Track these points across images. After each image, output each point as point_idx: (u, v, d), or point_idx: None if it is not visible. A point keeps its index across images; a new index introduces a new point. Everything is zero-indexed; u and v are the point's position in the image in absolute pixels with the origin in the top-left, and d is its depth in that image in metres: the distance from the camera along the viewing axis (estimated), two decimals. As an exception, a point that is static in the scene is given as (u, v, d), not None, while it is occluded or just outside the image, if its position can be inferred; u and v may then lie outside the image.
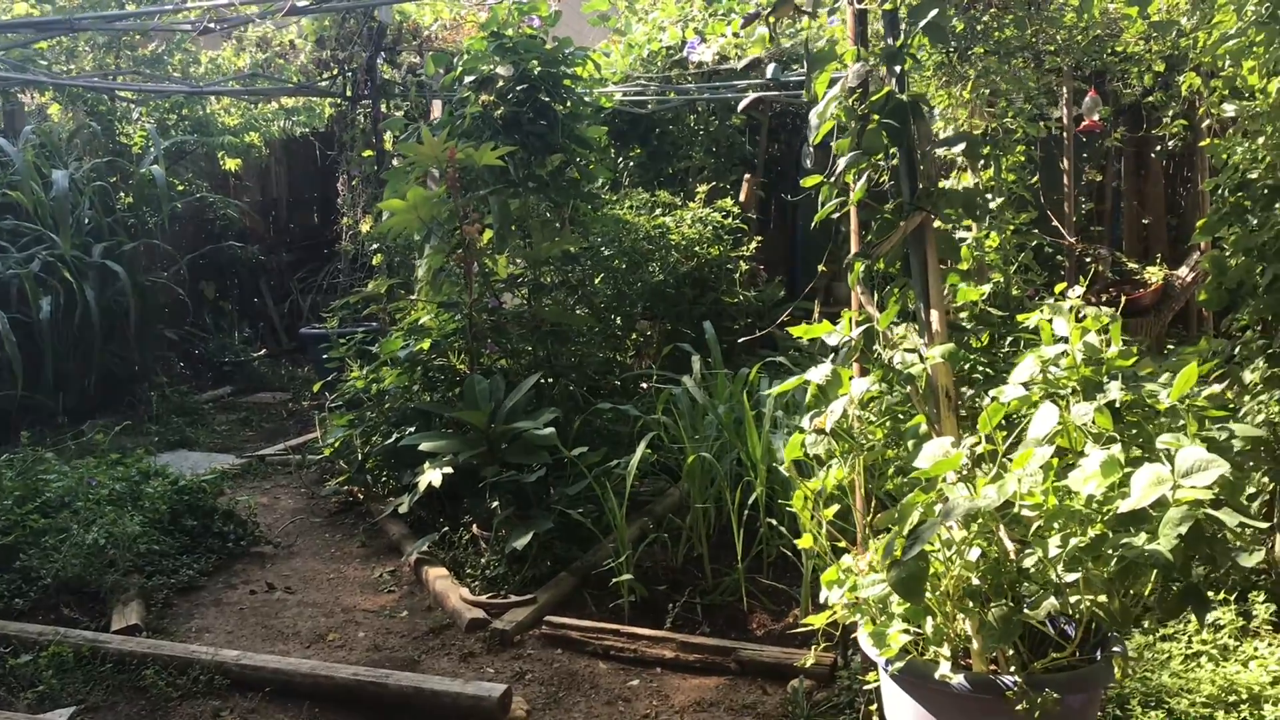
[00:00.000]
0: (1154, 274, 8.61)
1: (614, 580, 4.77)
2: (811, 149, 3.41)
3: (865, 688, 3.58)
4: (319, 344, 8.37)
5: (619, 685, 4.21)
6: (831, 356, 3.23)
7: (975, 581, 2.62)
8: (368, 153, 8.22)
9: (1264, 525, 2.44)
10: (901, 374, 3.04)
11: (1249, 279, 4.82)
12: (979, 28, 4.13)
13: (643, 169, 9.15)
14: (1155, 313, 8.47)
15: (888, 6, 3.09)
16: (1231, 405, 4.93)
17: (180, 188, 10.11)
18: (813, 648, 3.33)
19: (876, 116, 3.17)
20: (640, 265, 7.74)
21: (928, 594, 2.70)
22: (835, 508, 3.09)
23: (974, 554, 2.65)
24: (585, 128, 6.47)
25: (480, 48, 6.19)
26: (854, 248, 3.48)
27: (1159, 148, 9.54)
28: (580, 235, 6.94)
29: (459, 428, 5.55)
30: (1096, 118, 8.23)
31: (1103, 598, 2.51)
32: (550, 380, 6.24)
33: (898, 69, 3.12)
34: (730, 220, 8.09)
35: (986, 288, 6.94)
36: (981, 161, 7.25)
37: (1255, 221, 4.79)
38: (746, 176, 8.56)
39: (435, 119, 7.69)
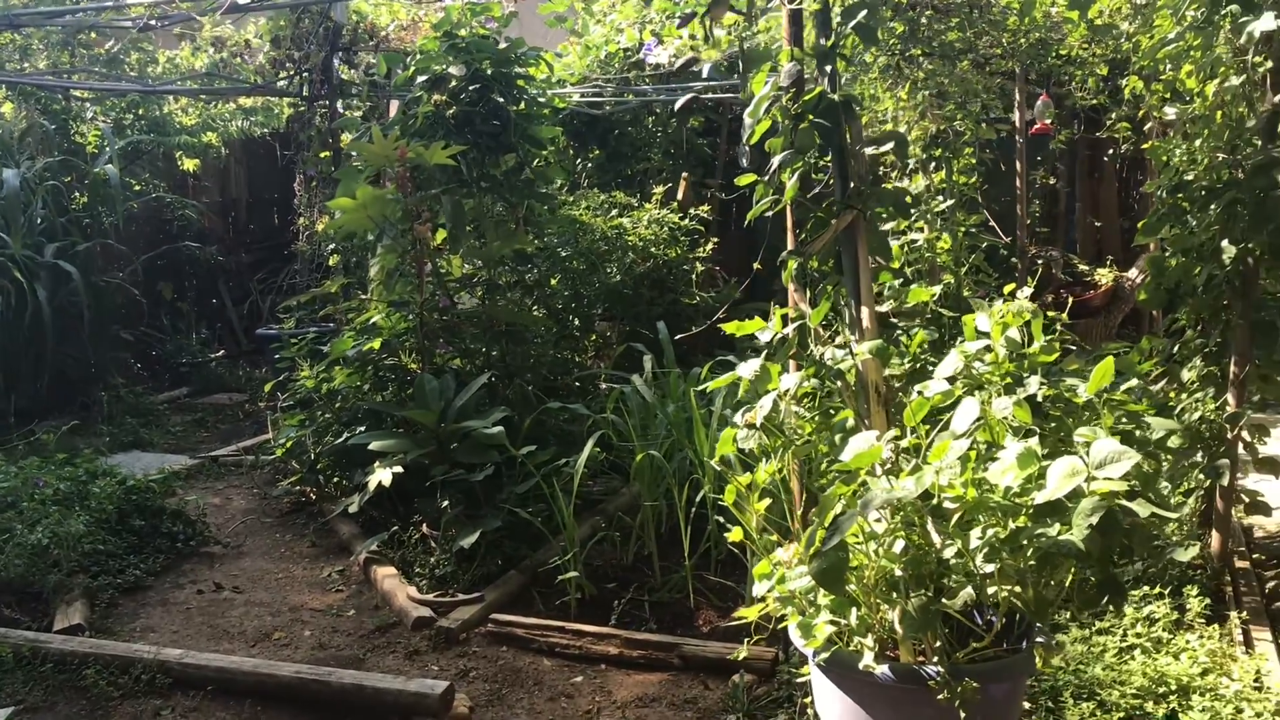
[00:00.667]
0: (1104, 276, 8.73)
1: (559, 578, 4.79)
2: (747, 148, 3.45)
3: (801, 681, 3.62)
4: (274, 344, 8.34)
5: (563, 682, 4.23)
6: (765, 353, 3.26)
7: (898, 572, 2.66)
8: (325, 154, 8.20)
9: (1174, 515, 2.48)
10: (831, 370, 3.08)
11: (1186, 279, 4.90)
12: (919, 30, 4.17)
13: (601, 170, 9.17)
14: (1105, 314, 8.59)
15: (814, 7, 3.13)
16: (1171, 402, 5.03)
17: (137, 187, 10.04)
18: (746, 642, 3.37)
19: (811, 116, 3.22)
20: (598, 266, 7.76)
21: (852, 585, 2.74)
22: (768, 501, 3.13)
23: (899, 546, 2.69)
24: (539, 128, 6.49)
25: (433, 47, 6.21)
26: (790, 246, 3.52)
27: (1111, 151, 9.66)
28: (535, 235, 6.96)
29: (409, 427, 5.55)
30: (1048, 121, 8.33)
31: (1020, 588, 2.55)
32: (504, 380, 6.26)
33: (828, 69, 3.16)
34: (687, 221, 8.13)
35: (937, 288, 7.02)
36: (934, 164, 7.34)
37: (1194, 223, 4.87)
38: (684, 175, 8.56)
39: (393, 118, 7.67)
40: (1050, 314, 7.15)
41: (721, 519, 4.84)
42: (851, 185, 3.23)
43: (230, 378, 9.93)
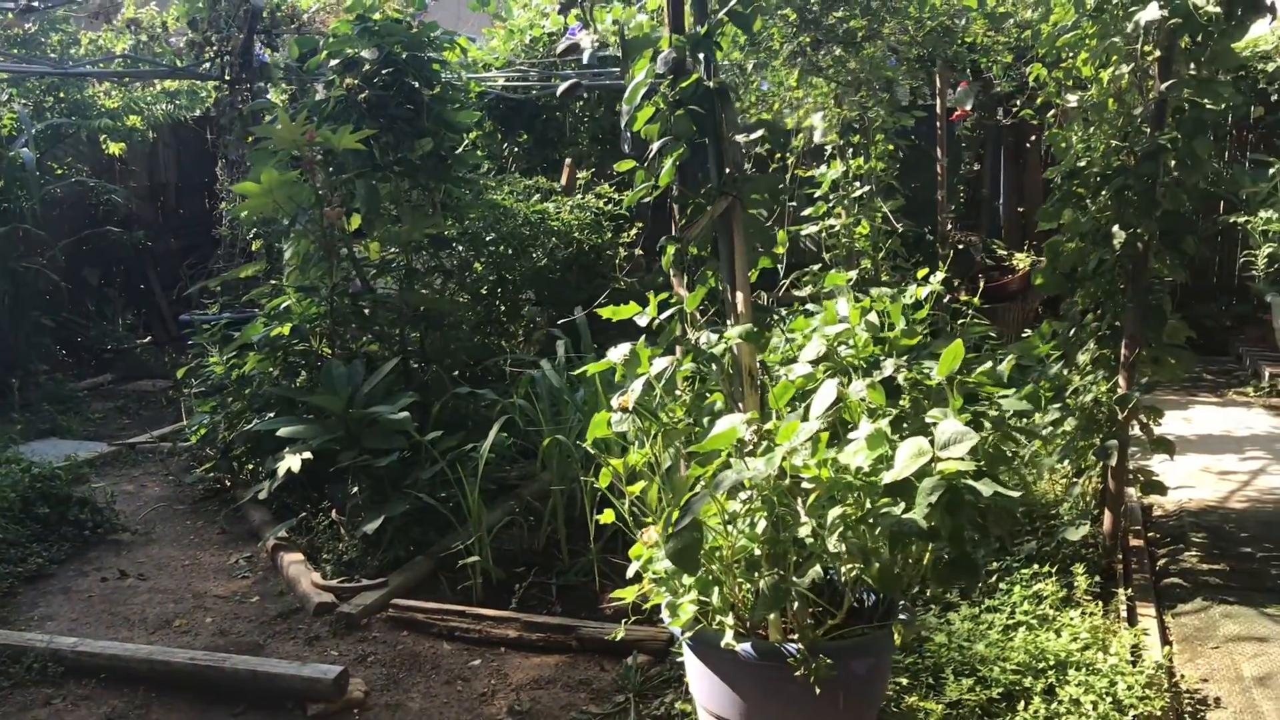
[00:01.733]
0: (1022, 260, 8.86)
1: (460, 562, 4.81)
2: (629, 134, 3.47)
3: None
4: (200, 328, 8.25)
5: (460, 665, 4.25)
6: (644, 337, 3.30)
7: (757, 552, 2.71)
8: (248, 139, 8.11)
9: (1017, 494, 2.53)
10: (705, 354, 3.11)
11: (1081, 264, 4.99)
12: (812, 18, 4.20)
13: (528, 155, 9.16)
14: (1024, 298, 8.72)
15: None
16: (1068, 384, 5.13)
17: (59, 171, 9.89)
18: (623, 623, 3.40)
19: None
20: (524, 251, 7.76)
21: (715, 565, 2.78)
22: (643, 484, 3.16)
23: (761, 526, 2.74)
24: (456, 112, 6.47)
25: (346, 30, 6.16)
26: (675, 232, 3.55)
27: (1034, 137, 9.80)
28: (455, 220, 6.94)
29: (319, 413, 5.53)
30: (968, 107, 8.43)
31: (868, 565, 2.61)
32: (423, 366, 6.26)
33: (701, 56, 3.19)
34: (610, 207, 8.14)
35: (853, 273, 7.10)
36: (851, 150, 7.40)
37: (1094, 207, 4.96)
38: (567, 161, 8.53)
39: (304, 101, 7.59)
40: (963, 298, 7.27)
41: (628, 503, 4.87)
42: (727, 171, 3.26)
43: (155, 363, 9.82)
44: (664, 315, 3.27)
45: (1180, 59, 4.66)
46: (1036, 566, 4.49)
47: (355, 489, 5.33)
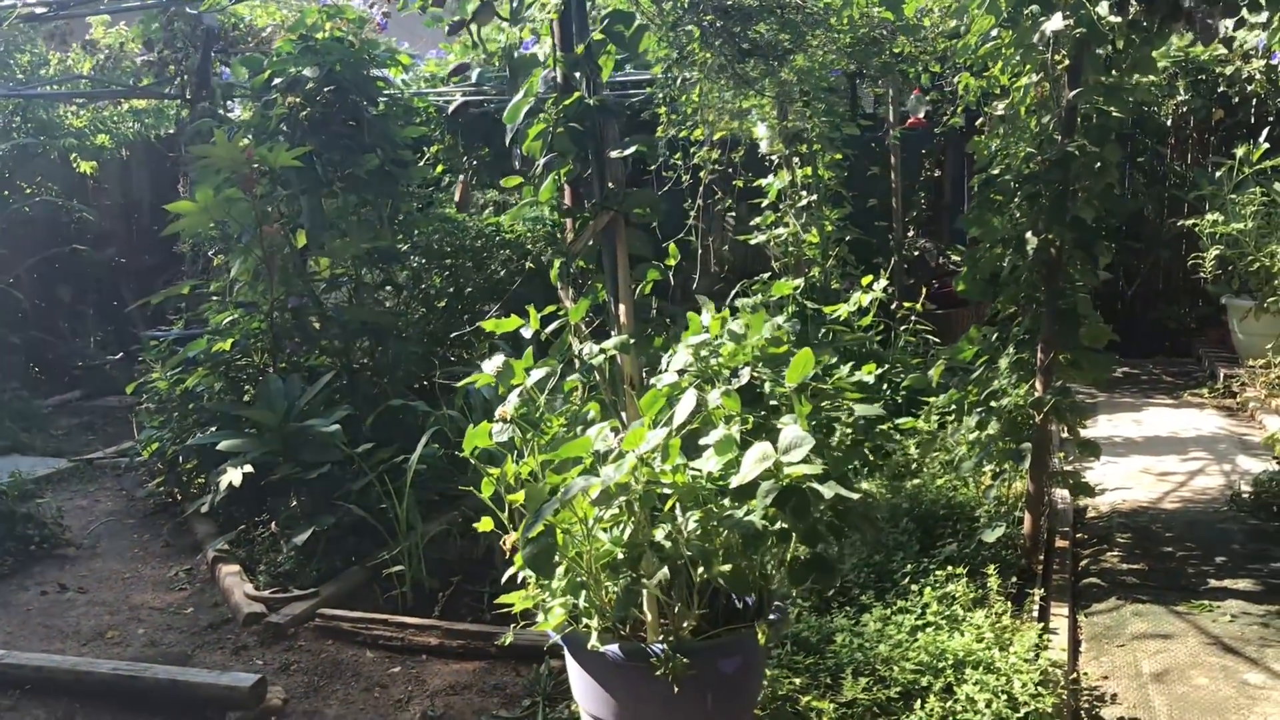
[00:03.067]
0: (974, 265, 8.89)
1: (386, 572, 4.90)
2: (518, 151, 3.56)
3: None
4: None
5: (380, 673, 4.33)
6: (530, 348, 3.38)
7: (620, 555, 2.79)
8: (201, 148, 8.21)
9: (855, 496, 2.61)
10: (585, 364, 3.20)
11: (1000, 270, 5.07)
12: (711, 35, 4.29)
13: (489, 168, 9.23)
14: (978, 303, 8.77)
15: (553, 15, 3.24)
16: (991, 390, 5.21)
17: (28, 190, 9.99)
18: (512, 627, 3.47)
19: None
20: (481, 263, 7.83)
21: (581, 569, 2.86)
22: (524, 492, 3.24)
23: (626, 530, 2.82)
24: (399, 128, 6.57)
25: (289, 49, 6.26)
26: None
27: (992, 143, 9.85)
28: (404, 234, 7.04)
29: (259, 427, 5.62)
30: (921, 115, 8.51)
31: (724, 567, 2.69)
32: (370, 378, 6.35)
33: (579, 75, 3.28)
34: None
35: (799, 281, 7.18)
36: (798, 160, 7.49)
37: (1008, 214, 5.04)
38: (460, 178, 8.53)
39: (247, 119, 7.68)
40: (907, 305, 7.33)
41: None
42: (610, 187, 3.35)
43: (124, 380, 9.87)
44: (549, 328, 3.35)
45: (1093, 68, 4.75)
46: (951, 568, 4.56)
47: (294, 501, 5.42)
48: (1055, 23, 4.50)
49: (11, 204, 9.18)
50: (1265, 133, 8.90)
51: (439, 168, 9.37)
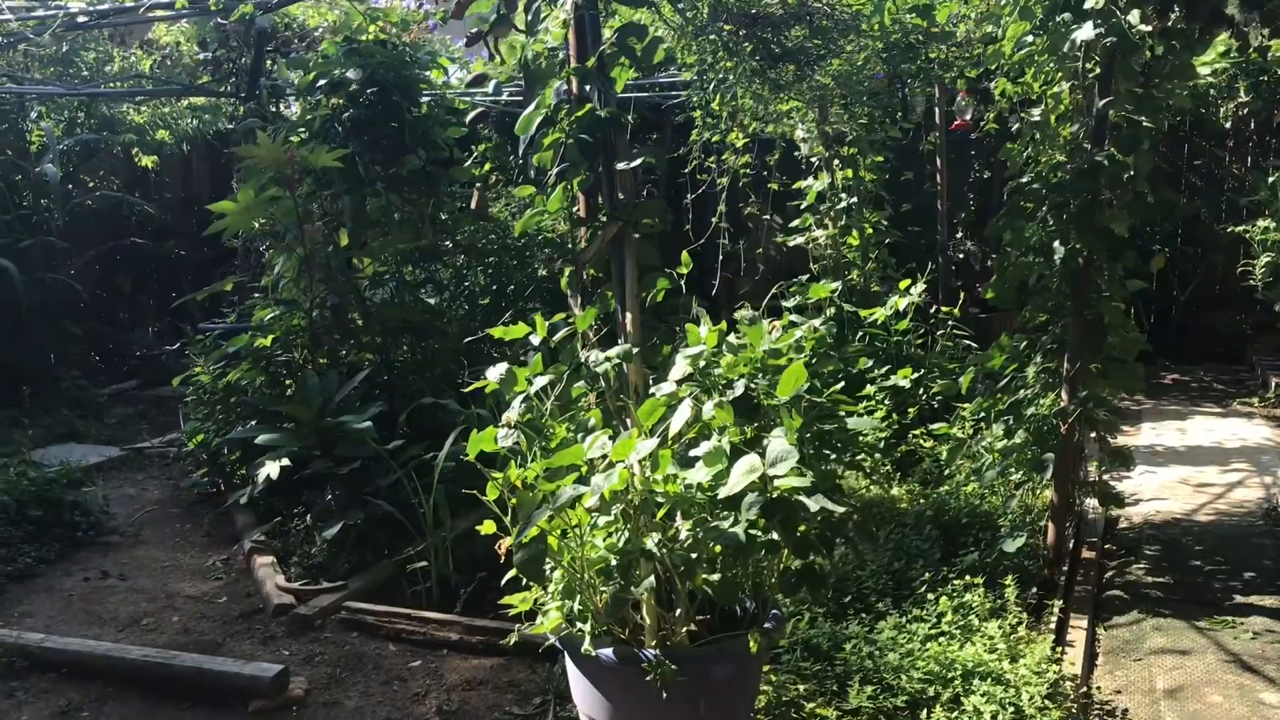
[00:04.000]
0: (1018, 269, 8.81)
1: (411, 567, 5.00)
2: (531, 160, 3.63)
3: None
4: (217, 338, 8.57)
5: (400, 666, 4.44)
6: (540, 355, 3.45)
7: (612, 562, 2.85)
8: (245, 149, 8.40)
9: (841, 510, 2.64)
10: (590, 372, 3.26)
11: (1030, 278, 5.05)
12: (734, 42, 4.31)
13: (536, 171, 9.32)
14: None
15: (560, 33, 3.30)
16: (1018, 399, 5.19)
17: (91, 184, 10.29)
18: (517, 628, 3.55)
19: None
20: (524, 261, 7.93)
21: (575, 574, 2.93)
22: (529, 496, 3.31)
23: (621, 538, 2.88)
24: (441, 129, 6.69)
25: (332, 51, 6.40)
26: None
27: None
28: (447, 233, 7.15)
29: (296, 422, 5.76)
30: (968, 118, 8.44)
31: (714, 576, 2.73)
32: (410, 375, 6.46)
33: (588, 88, 3.33)
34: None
35: (838, 284, 7.18)
36: (839, 162, 7.48)
37: (1038, 223, 5.01)
38: (477, 186, 8.51)
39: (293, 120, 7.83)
40: (945, 310, 7.28)
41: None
42: (620, 197, 3.40)
43: (179, 370, 10.16)
44: (557, 336, 3.41)
45: (1126, 76, 4.70)
46: (970, 577, 4.55)
47: (328, 495, 5.55)
48: (1085, 31, 4.46)
49: (75, 198, 9.45)
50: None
51: (486, 165, 9.49)
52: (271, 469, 5.54)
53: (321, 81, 6.42)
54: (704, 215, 9.22)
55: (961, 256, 9.10)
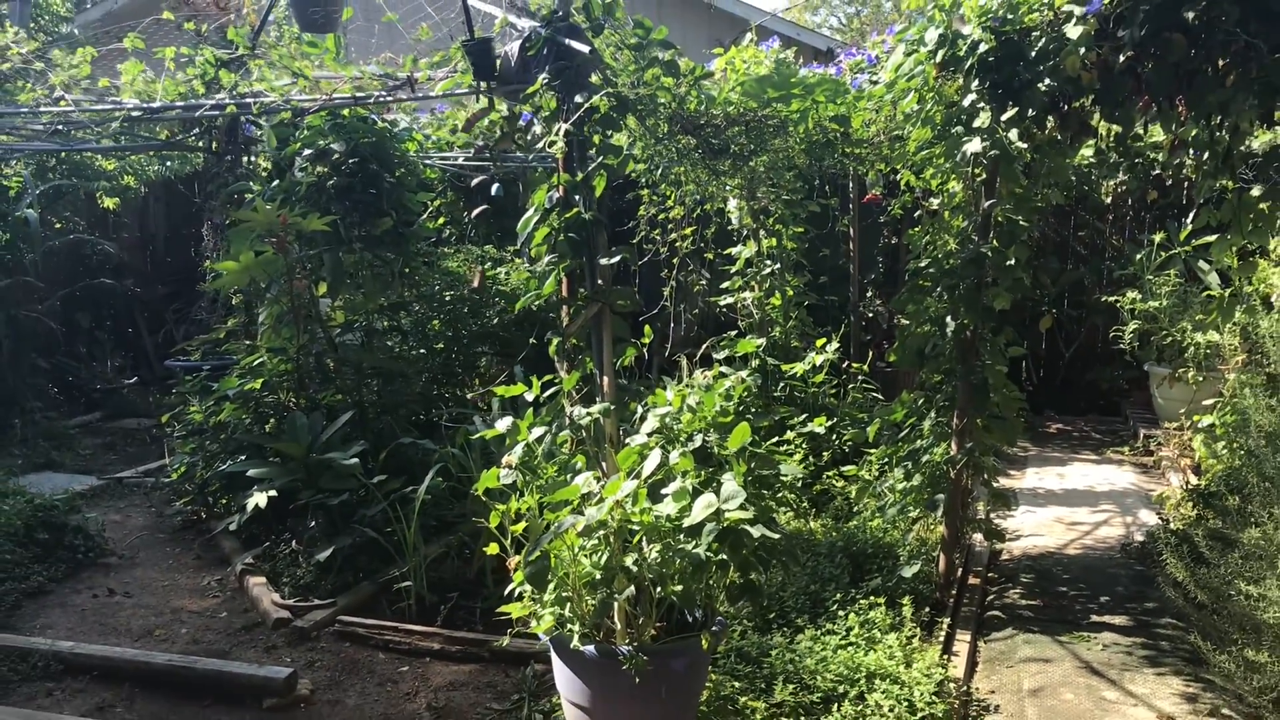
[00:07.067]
0: (921, 329, 9.82)
1: (395, 587, 5.73)
2: (527, 250, 4.43)
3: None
4: (182, 374, 9.16)
5: (391, 670, 5.16)
6: (531, 409, 4.25)
7: (597, 576, 3.64)
8: (230, 213, 9.05)
9: (776, 537, 3.47)
10: (575, 425, 4.06)
11: (925, 346, 5.98)
12: (686, 150, 5.20)
13: (487, 224, 10.13)
14: (920, 364, 9.69)
15: (557, 150, 4.13)
16: (916, 447, 6.09)
17: (58, 225, 10.82)
18: (508, 633, 4.32)
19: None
20: (476, 310, 8.70)
21: (567, 585, 3.72)
22: (524, 524, 4.09)
23: (603, 556, 3.68)
24: (411, 195, 7.46)
25: (318, 124, 7.14)
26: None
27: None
28: (412, 286, 7.91)
29: (284, 457, 6.45)
30: (877, 192, 9.45)
31: (677, 587, 3.55)
32: (377, 415, 7.18)
33: (578, 198, 4.16)
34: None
35: (762, 340, 8.08)
36: (762, 232, 8.38)
37: (933, 300, 5.94)
38: (479, 269, 9.20)
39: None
40: (854, 365, 8.23)
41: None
42: (599, 283, 4.23)
43: (141, 403, 10.72)
44: (547, 393, 4.22)
45: (1009, 179, 5.66)
46: (874, 598, 5.42)
47: (313, 523, 6.25)
48: (974, 145, 5.40)
49: (47, 239, 9.99)
50: (1191, 215, 9.88)
51: (440, 220, 10.29)
52: (259, 499, 6.22)
53: (307, 151, 7.16)
54: (648, 279, 10.11)
55: (871, 315, 10.09)
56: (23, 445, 8.83)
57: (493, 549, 4.04)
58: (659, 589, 3.63)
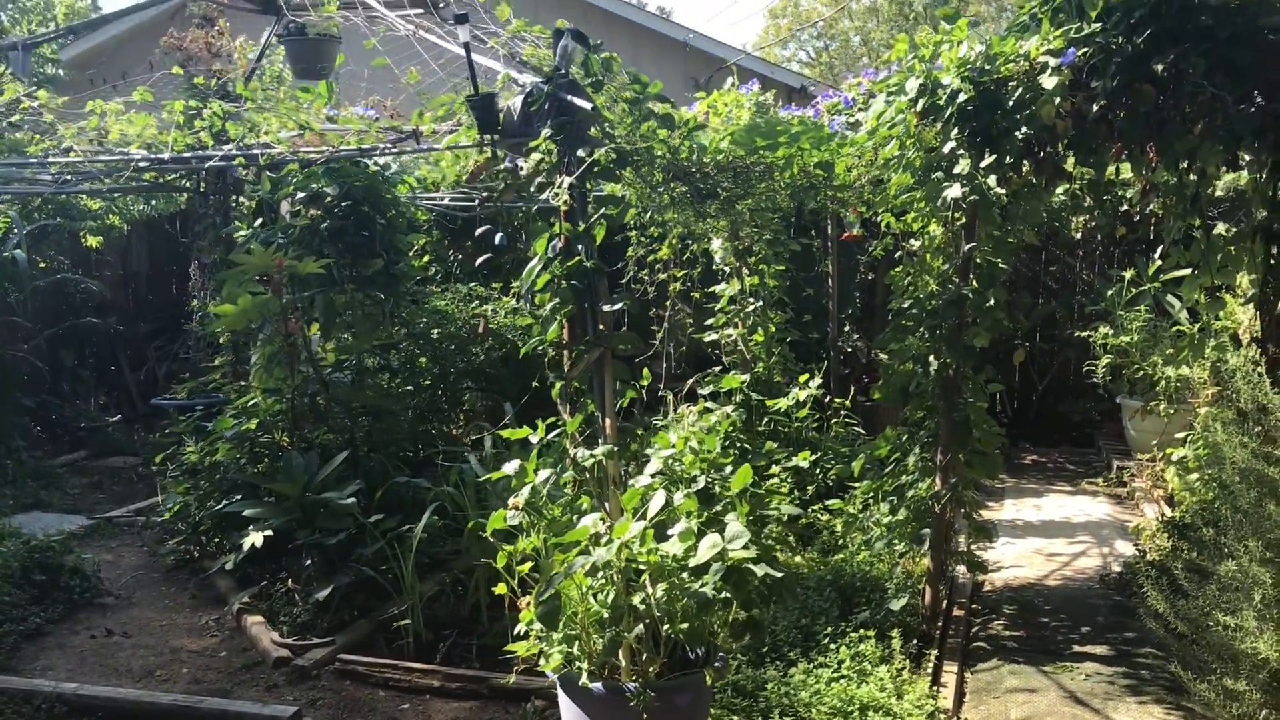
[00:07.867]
0: (902, 364, 10.02)
1: (395, 625, 5.82)
2: (530, 295, 4.57)
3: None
4: (175, 413, 9.20)
5: (393, 708, 5.25)
6: (535, 452, 4.38)
7: (606, 615, 3.77)
8: (221, 251, 9.15)
9: (779, 575, 3.62)
10: (579, 466, 4.20)
11: (910, 384, 6.16)
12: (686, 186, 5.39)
13: (472, 261, 10.26)
14: (901, 398, 9.88)
15: (562, 204, 4.28)
16: (901, 483, 6.26)
17: (43, 265, 10.87)
18: (514, 670, 4.44)
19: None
20: (464, 348, 8.83)
21: (576, 624, 3.84)
22: (530, 564, 4.22)
23: (610, 595, 3.81)
24: (401, 237, 7.61)
25: (314, 168, 7.27)
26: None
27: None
28: (401, 324, 8.04)
29: (279, 497, 6.53)
30: (855, 231, 9.65)
31: (684, 625, 3.68)
32: (370, 453, 7.28)
33: (580, 247, 4.31)
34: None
35: (746, 376, 8.24)
36: (747, 270, 8.57)
37: (915, 339, 6.12)
38: (482, 321, 9.29)
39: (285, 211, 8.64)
40: (837, 401, 8.41)
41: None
42: (601, 328, 4.37)
43: (126, 441, 10.74)
44: (551, 435, 4.35)
45: (987, 222, 5.86)
46: (863, 631, 5.56)
47: (309, 562, 6.33)
48: (954, 190, 5.60)
49: (34, 279, 10.03)
50: (1160, 250, 10.16)
51: (425, 258, 10.42)
52: (255, 538, 6.30)
53: (300, 194, 7.29)
54: (638, 318, 10.30)
55: (850, 350, 10.29)
56: (11, 485, 8.85)
57: (501, 589, 4.16)
58: (666, 627, 3.76)
